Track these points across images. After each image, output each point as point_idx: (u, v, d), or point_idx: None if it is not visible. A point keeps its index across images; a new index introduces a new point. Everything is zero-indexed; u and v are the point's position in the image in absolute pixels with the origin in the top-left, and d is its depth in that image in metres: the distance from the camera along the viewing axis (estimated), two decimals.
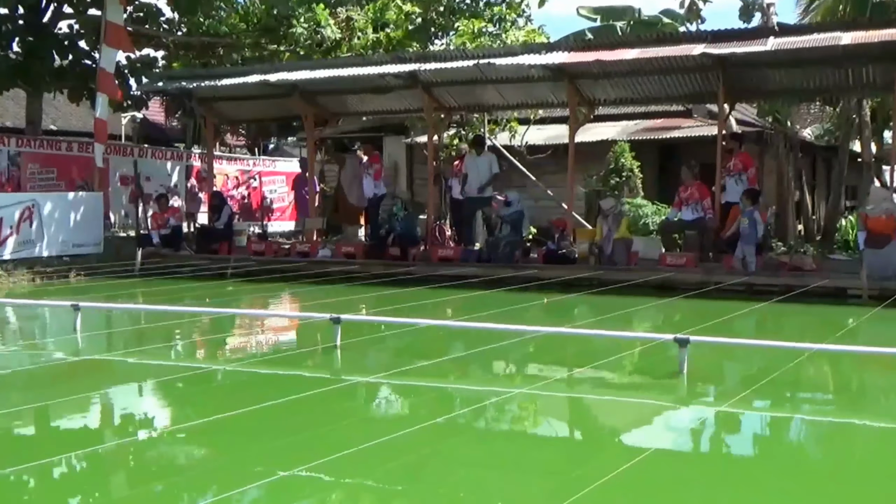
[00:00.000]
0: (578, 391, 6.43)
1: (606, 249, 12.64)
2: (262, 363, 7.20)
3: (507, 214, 13.52)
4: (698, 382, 6.50)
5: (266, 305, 10.96)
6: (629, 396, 6.23)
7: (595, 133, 18.64)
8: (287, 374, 6.83)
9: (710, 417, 5.68)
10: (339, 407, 5.81)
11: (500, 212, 13.71)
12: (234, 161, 19.79)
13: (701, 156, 14.56)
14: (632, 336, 7.89)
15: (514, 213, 13.52)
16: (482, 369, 7.21)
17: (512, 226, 13.41)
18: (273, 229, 19.47)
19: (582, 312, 10.63)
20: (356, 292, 11.31)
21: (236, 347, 8.27)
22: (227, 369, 6.93)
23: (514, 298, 10.55)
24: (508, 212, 13.55)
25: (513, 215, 13.48)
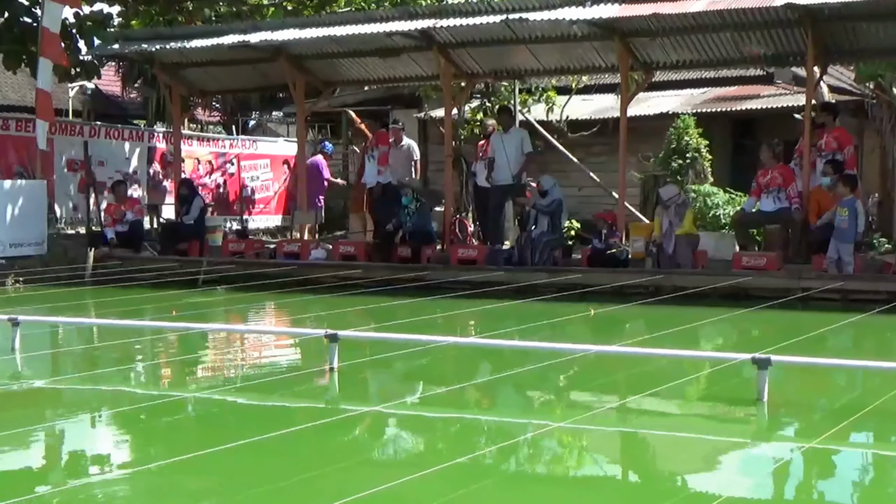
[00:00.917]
0: (632, 424, 6.42)
1: (667, 248, 12.62)
2: (241, 391, 7.23)
3: (544, 206, 13.54)
4: (781, 412, 6.47)
5: (246, 319, 11.01)
6: (695, 431, 6.21)
7: (652, 105, 18.62)
8: (272, 404, 6.86)
9: (797, 456, 5.65)
10: (336, 445, 5.83)
11: (535, 202, 13.73)
12: (206, 142, 19.92)
13: (785, 132, 14.52)
14: (699, 356, 7.87)
15: (551, 203, 13.53)
16: (513, 397, 7.22)
17: (549, 220, 13.42)
18: (255, 225, 19.58)
19: (636, 327, 10.59)
20: (357, 303, 11.34)
21: (210, 371, 8.32)
22: (198, 398, 6.97)
23: (553, 310, 10.54)
24: (544, 203, 13.58)
25: (550, 207, 13.50)
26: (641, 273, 12.39)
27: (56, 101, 17.86)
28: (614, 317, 10.67)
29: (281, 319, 11.37)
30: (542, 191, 13.66)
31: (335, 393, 7.22)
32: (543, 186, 13.69)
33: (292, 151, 19.39)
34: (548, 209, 13.43)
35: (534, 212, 13.62)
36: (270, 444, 5.57)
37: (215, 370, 8.35)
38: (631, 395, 7.03)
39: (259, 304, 11.83)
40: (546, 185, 13.69)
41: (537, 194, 13.88)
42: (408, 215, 14.40)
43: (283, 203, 20.30)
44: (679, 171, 15.12)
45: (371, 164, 15.33)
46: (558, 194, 13.68)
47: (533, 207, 13.55)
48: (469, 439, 6.10)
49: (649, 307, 10.94)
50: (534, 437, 5.96)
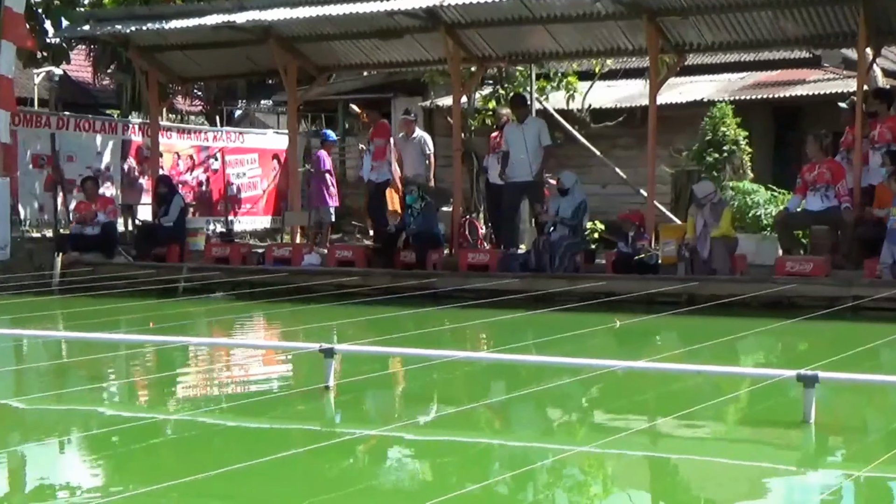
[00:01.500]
0: (663, 449, 6.42)
1: (702, 252, 12.61)
2: (226, 411, 7.25)
3: (564, 205, 13.55)
4: (830, 436, 6.47)
5: (231, 332, 11.03)
6: (734, 456, 6.21)
7: (685, 92, 18.62)
8: (260, 426, 6.87)
9: (847, 485, 5.64)
10: (332, 472, 5.84)
11: (554, 202, 13.74)
12: (187, 134, 19.98)
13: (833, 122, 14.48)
14: (737, 372, 7.87)
15: (572, 202, 13.54)
16: (530, 419, 7.22)
17: (570, 221, 13.43)
18: (241, 227, 19.63)
19: (668, 340, 10.58)
20: (355, 313, 11.36)
21: (192, 390, 8.33)
22: (178, 420, 6.99)
23: (574, 321, 10.53)
24: (565, 202, 13.58)
25: (570, 206, 13.51)
26: (673, 280, 12.38)
27: (19, 88, 17.94)
28: (643, 329, 10.66)
29: (270, 332, 11.39)
30: (563, 189, 13.67)
31: (331, 414, 7.23)
32: (564, 184, 13.69)
33: (283, 145, 19.43)
34: (566, 210, 13.45)
35: (551, 210, 13.62)
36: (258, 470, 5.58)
37: (197, 389, 8.36)
38: (662, 417, 7.02)
39: (246, 315, 11.85)
40: (567, 182, 13.70)
41: (556, 193, 13.89)
42: (412, 216, 14.41)
43: (272, 203, 20.34)
44: (715, 166, 15.12)
45: (367, 159, 15.37)
46: (581, 194, 13.68)
47: (559, 222, 13.47)
48: (480, 466, 6.10)
49: (682, 318, 10.92)
50: (553, 464, 5.96)
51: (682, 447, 6.43)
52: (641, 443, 6.46)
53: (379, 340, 8.68)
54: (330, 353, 7.33)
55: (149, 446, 6.44)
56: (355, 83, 21.46)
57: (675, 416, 6.87)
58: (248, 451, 6.04)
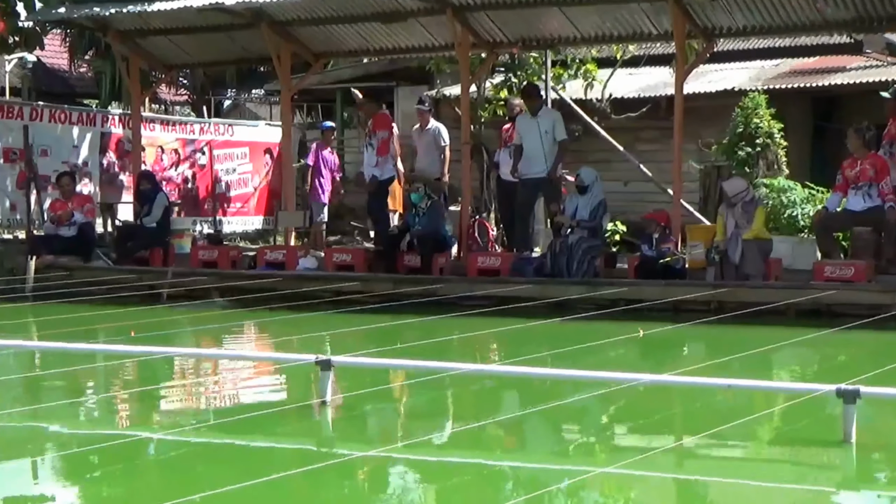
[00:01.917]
0: (691, 470, 6.41)
1: (732, 256, 12.60)
2: (214, 429, 7.25)
3: (581, 205, 13.54)
4: (872, 456, 6.45)
5: (220, 342, 11.04)
6: (768, 478, 6.19)
7: (715, 80, 18.61)
8: (252, 444, 6.88)
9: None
10: (329, 495, 5.84)
11: (571, 201, 13.72)
12: (171, 126, 20.00)
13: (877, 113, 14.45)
14: (772, 387, 7.85)
15: (590, 202, 13.53)
16: (545, 437, 7.22)
17: (589, 222, 13.42)
18: (231, 228, 19.64)
19: (695, 351, 10.57)
20: (354, 322, 11.36)
21: (177, 405, 8.34)
22: (162, 438, 6.99)
23: (593, 331, 10.52)
24: (583, 201, 13.57)
25: (588, 205, 13.49)
26: (701, 286, 12.37)
27: None
28: (668, 339, 10.65)
29: (262, 342, 11.39)
30: (582, 186, 13.66)
31: (328, 432, 7.23)
32: (583, 181, 13.68)
33: (276, 138, 19.44)
34: (590, 223, 13.42)
35: (565, 208, 13.61)
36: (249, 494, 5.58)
37: (183, 404, 8.37)
38: (689, 435, 7.01)
39: (236, 324, 11.85)
40: (586, 179, 13.69)
41: (574, 190, 13.88)
42: (416, 216, 14.42)
43: (264, 201, 20.34)
44: (747, 161, 15.10)
45: (369, 154, 15.31)
46: (600, 192, 13.67)
47: (576, 225, 13.43)
48: (491, 489, 6.10)
49: (711, 327, 10.90)
50: (570, 487, 5.95)
51: (710, 468, 6.42)
52: (666, 464, 6.44)
53: (380, 352, 8.68)
54: (327, 365, 7.33)
55: (129, 467, 6.44)
56: (354, 71, 21.47)
57: (703, 434, 6.86)
58: (238, 473, 6.04)
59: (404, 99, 20.83)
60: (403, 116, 20.16)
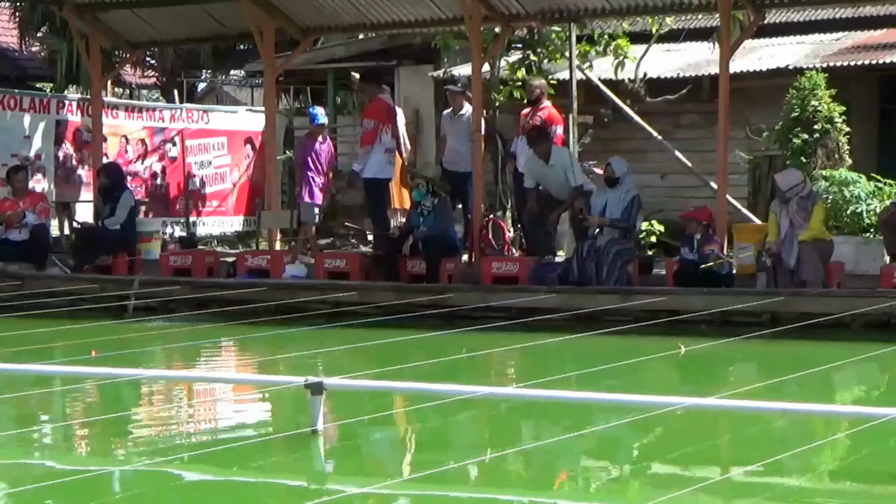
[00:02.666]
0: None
1: (787, 260, 12.58)
2: (190, 462, 7.24)
3: (612, 201, 13.47)
4: None
5: (195, 362, 11.02)
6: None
7: (766, 57, 18.56)
8: (232, 480, 6.87)
9: None
10: None
11: (599, 196, 13.67)
12: (138, 113, 20.00)
13: None
14: (833, 412, 7.82)
15: (622, 197, 13.46)
16: (572, 470, 7.20)
17: (621, 221, 13.35)
18: (206, 230, 19.62)
19: (745, 371, 10.54)
20: (350, 338, 11.35)
21: (146, 435, 8.33)
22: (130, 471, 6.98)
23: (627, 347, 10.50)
24: (613, 196, 13.50)
25: (620, 202, 13.43)
26: (751, 295, 12.33)
27: None
28: (714, 356, 10.61)
29: (244, 362, 11.37)
30: (613, 178, 13.59)
31: (320, 465, 7.21)
32: (615, 172, 13.60)
33: (258, 126, 19.45)
34: (623, 223, 13.35)
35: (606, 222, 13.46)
36: None
37: (153, 434, 8.35)
38: (737, 467, 6.99)
39: (213, 341, 11.83)
40: (618, 169, 13.61)
41: (602, 185, 13.81)
42: (421, 215, 14.40)
43: (245, 199, 20.33)
44: (804, 150, 15.07)
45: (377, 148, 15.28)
46: (633, 187, 13.61)
47: (607, 225, 13.37)
48: None
49: (763, 342, 10.87)
50: None
51: None
52: (711, 500, 6.43)
53: (380, 373, 8.67)
54: (318, 388, 7.32)
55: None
56: (349, 48, 21.44)
57: (754, 466, 6.84)
58: None
59: (406, 80, 20.79)
60: (405, 101, 20.15)
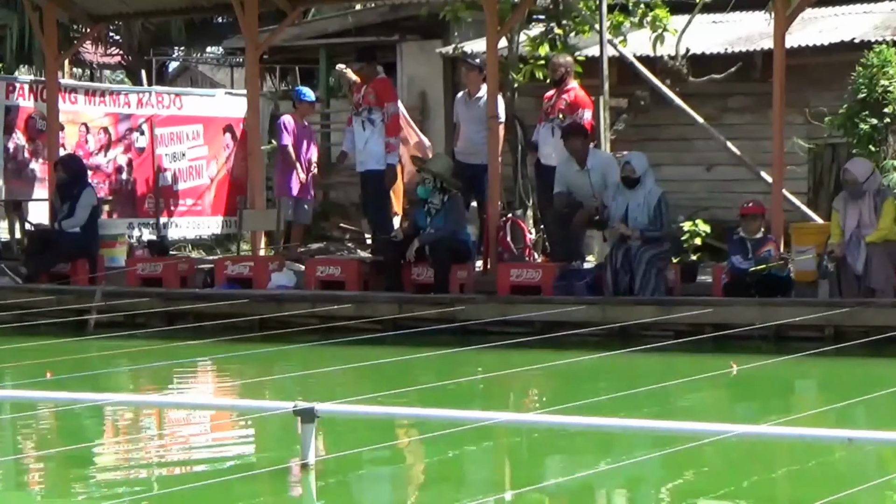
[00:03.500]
0: None
1: (854, 264, 12.57)
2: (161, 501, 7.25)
3: (634, 206, 13.35)
4: None
5: (166, 386, 11.04)
6: None
7: (828, 29, 18.53)
8: None
9: None
10: None
11: (619, 199, 13.52)
12: (100, 96, 20.01)
13: None
14: None
15: (645, 200, 13.34)
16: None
17: (651, 232, 13.25)
18: (179, 233, 19.61)
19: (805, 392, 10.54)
20: (345, 357, 11.36)
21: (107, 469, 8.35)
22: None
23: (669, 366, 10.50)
24: (634, 200, 13.39)
25: (643, 206, 13.31)
26: (811, 305, 12.32)
27: None
28: (769, 376, 10.60)
29: (223, 386, 11.38)
30: (632, 178, 13.48)
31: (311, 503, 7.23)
32: (635, 170, 13.48)
33: (239, 112, 19.46)
34: (654, 232, 13.24)
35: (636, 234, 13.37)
36: None
37: (118, 469, 8.36)
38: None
39: (188, 362, 11.85)
40: (639, 167, 13.47)
41: (620, 187, 13.65)
42: (428, 215, 14.39)
43: (224, 197, 20.31)
44: (872, 138, 15.06)
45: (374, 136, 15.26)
46: (655, 185, 13.48)
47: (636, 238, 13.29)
48: None
49: (825, 360, 10.86)
50: None
51: None
52: None
53: (381, 397, 8.68)
54: (309, 415, 7.33)
55: None
56: (344, 21, 21.44)
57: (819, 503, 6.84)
58: None
59: (410, 58, 20.81)
60: (409, 82, 20.18)
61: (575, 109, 14.81)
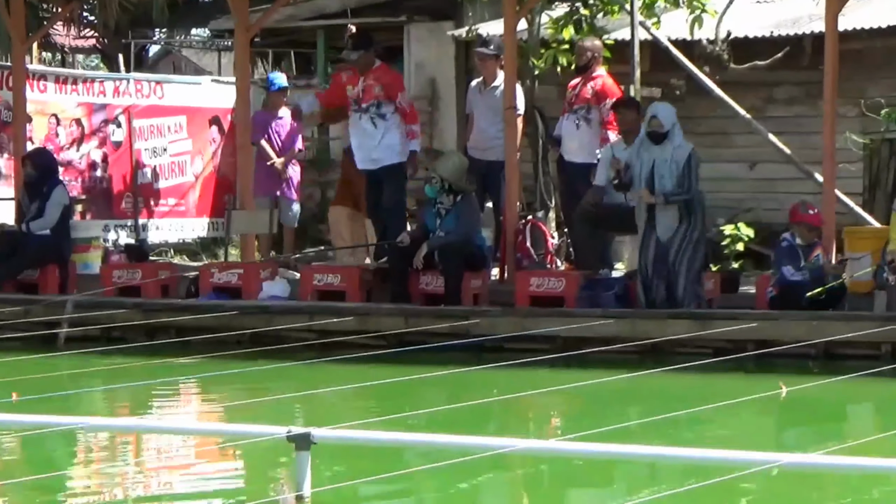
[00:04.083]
0: None
1: None
2: None
3: (660, 162, 13.18)
4: None
5: (145, 408, 11.04)
6: None
7: (886, 10, 18.51)
8: None
9: None
10: None
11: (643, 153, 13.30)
12: (72, 84, 20.04)
13: None
14: None
15: (672, 159, 13.16)
16: None
17: (676, 195, 13.14)
18: (160, 236, 19.62)
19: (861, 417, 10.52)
20: (346, 377, 11.36)
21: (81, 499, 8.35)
22: None
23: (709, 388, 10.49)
24: (660, 156, 13.22)
25: (672, 165, 13.15)
26: (866, 319, 12.35)
27: None
28: (818, 398, 10.59)
29: (209, 408, 11.39)
30: (660, 132, 13.33)
31: None
32: (663, 124, 13.28)
33: (227, 101, 19.48)
34: (678, 195, 13.14)
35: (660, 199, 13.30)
36: None
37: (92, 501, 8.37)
38: None
39: (170, 381, 11.86)
40: (666, 120, 13.20)
41: (643, 141, 13.44)
42: (437, 216, 14.38)
43: (210, 196, 20.34)
44: None
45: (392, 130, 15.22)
46: (684, 141, 13.37)
47: (661, 202, 13.22)
48: None
49: (884, 381, 10.85)
50: None
51: None
52: None
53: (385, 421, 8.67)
54: (305, 441, 7.33)
55: None
56: (344, 1, 21.45)
57: None
58: None
59: (419, 42, 20.78)
60: (417, 69, 20.16)
61: (602, 99, 14.83)
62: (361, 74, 15.28)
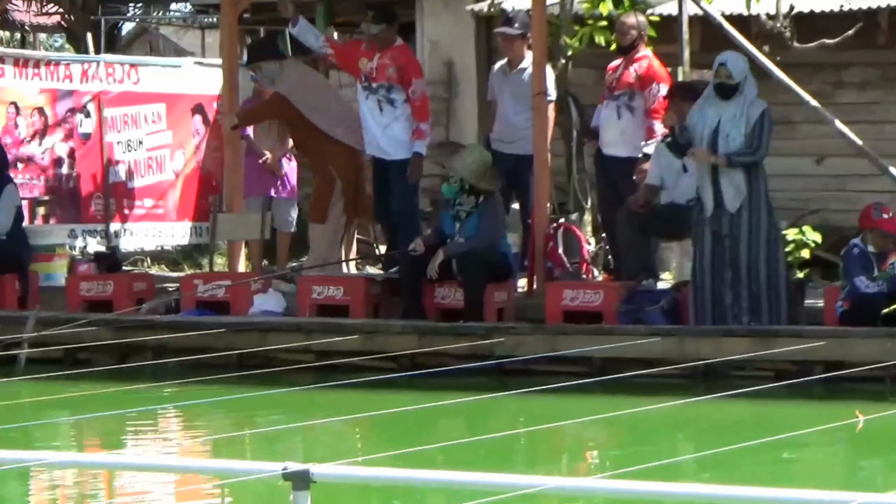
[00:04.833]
0: None
1: None
2: None
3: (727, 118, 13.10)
4: None
5: (118, 441, 11.06)
6: None
7: None
8: None
9: None
10: None
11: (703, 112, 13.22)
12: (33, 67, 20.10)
13: None
14: None
15: (744, 116, 13.08)
16: None
17: (742, 155, 13.08)
18: (135, 244, 19.66)
19: None
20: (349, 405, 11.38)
21: None
22: None
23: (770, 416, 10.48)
24: (730, 111, 13.15)
25: (741, 121, 13.08)
26: None
27: None
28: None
29: (192, 441, 11.39)
30: (730, 85, 13.21)
31: None
32: (732, 75, 13.11)
33: (212, 87, 19.54)
34: (745, 155, 13.00)
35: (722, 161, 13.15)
36: None
37: None
38: None
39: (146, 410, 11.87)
40: (737, 72, 13.13)
41: (711, 94, 13.38)
42: (456, 220, 14.39)
43: (194, 196, 20.38)
44: None
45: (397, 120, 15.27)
46: (757, 98, 13.41)
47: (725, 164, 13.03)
48: None
49: None
50: None
51: None
52: None
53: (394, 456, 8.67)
54: (304, 480, 7.31)
55: None
56: None
57: None
58: None
59: (434, 19, 20.83)
60: (431, 48, 20.19)
61: (647, 84, 14.81)
62: (379, 51, 15.33)
